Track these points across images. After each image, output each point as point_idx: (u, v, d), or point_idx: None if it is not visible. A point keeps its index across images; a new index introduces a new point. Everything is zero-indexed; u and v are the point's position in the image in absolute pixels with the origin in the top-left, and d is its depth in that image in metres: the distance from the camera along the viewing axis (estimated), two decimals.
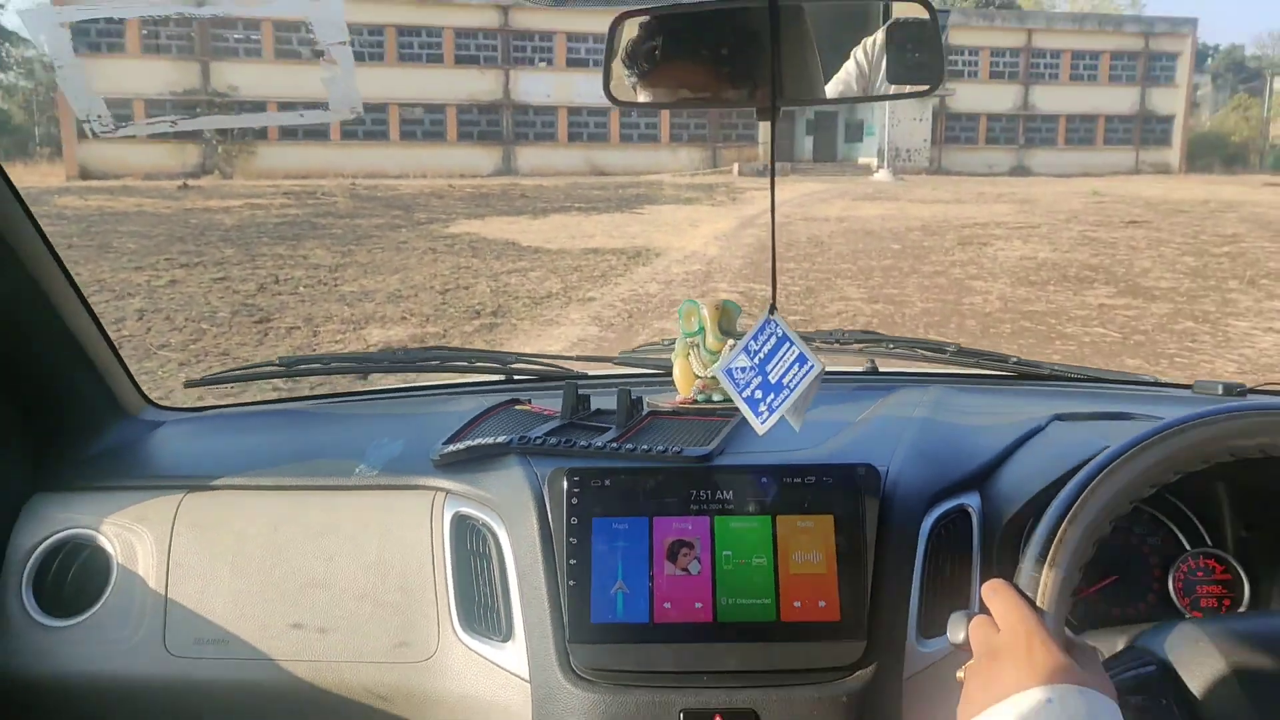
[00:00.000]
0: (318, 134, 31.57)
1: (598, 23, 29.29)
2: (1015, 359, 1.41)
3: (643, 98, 0.95)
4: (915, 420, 1.16)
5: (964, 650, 0.72)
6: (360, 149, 31.57)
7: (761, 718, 0.90)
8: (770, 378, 0.92)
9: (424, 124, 33.16)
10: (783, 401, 0.91)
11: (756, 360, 0.94)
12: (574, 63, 34.37)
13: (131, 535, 1.11)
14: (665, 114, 35.86)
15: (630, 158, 35.01)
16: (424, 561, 1.05)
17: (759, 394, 0.93)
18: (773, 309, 0.93)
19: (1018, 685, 0.64)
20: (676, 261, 10.92)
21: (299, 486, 1.12)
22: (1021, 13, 43.27)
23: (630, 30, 0.90)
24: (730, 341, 1.15)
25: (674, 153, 36.11)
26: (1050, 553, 0.73)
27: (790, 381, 0.91)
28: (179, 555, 1.08)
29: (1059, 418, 1.16)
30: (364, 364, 1.48)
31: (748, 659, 0.92)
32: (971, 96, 37.94)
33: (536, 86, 33.81)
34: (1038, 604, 0.71)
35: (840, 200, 20.13)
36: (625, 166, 33.97)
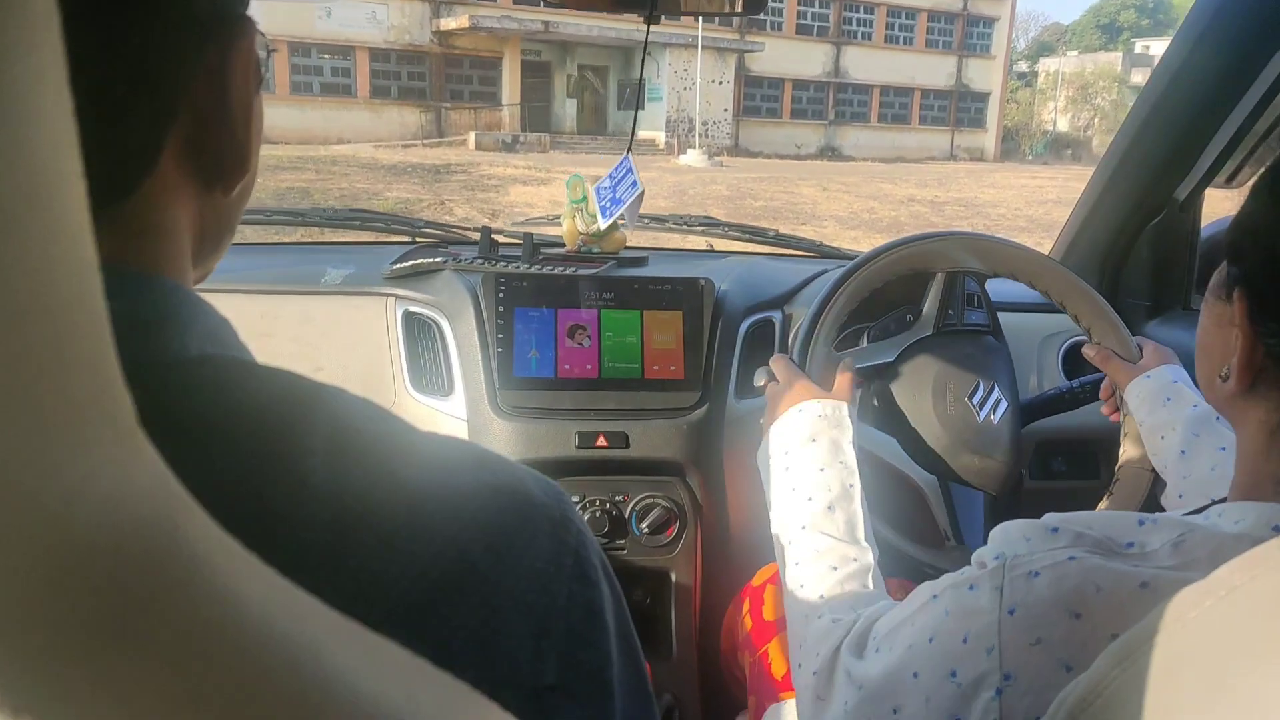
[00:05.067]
0: None
1: None
2: (820, 243, 1.77)
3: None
4: (741, 265, 1.58)
5: (762, 391, 1.13)
6: None
7: (630, 438, 1.32)
8: (616, 195, 1.43)
9: None
10: (618, 209, 1.42)
11: (612, 184, 1.44)
12: None
13: None
14: (362, 57, 23.90)
15: (308, 118, 22.84)
16: (382, 346, 1.39)
17: (608, 204, 1.44)
18: (629, 151, 1.43)
19: (785, 408, 1.03)
20: None
21: (280, 291, 1.41)
22: None
23: None
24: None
25: (377, 113, 24.25)
26: (814, 333, 1.13)
27: (624, 196, 1.42)
28: None
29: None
30: (298, 217, 1.68)
31: (622, 401, 1.33)
32: (776, 56, 29.32)
33: None
34: (805, 362, 1.12)
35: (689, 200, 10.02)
36: (301, 130, 21.85)
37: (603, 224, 1.45)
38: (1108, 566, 0.53)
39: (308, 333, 1.38)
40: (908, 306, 1.28)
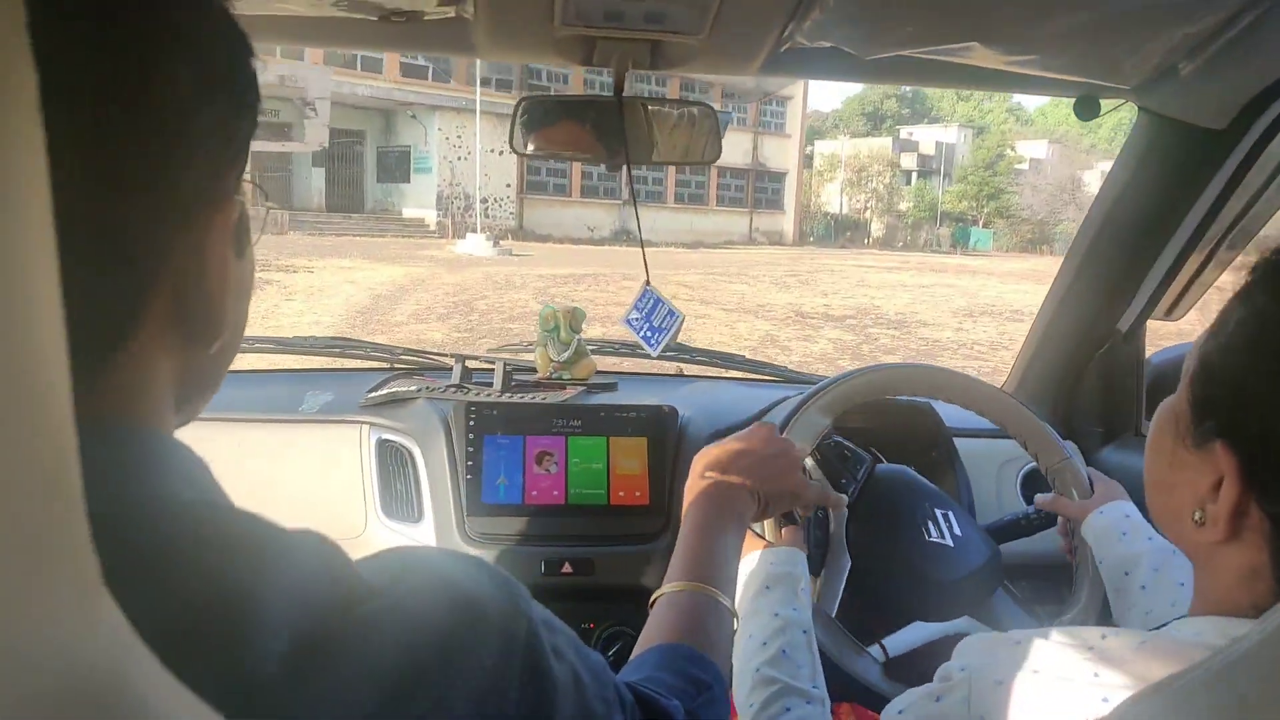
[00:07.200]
0: None
1: None
2: (787, 368, 1.85)
3: (534, 149, 1.23)
4: (707, 391, 1.64)
5: None
6: None
7: (596, 565, 1.34)
8: (654, 324, 1.39)
9: None
10: (665, 337, 1.39)
11: (643, 314, 1.40)
12: None
13: None
14: None
15: None
16: (355, 472, 1.41)
17: (649, 334, 1.39)
18: (647, 282, 1.37)
19: (744, 553, 1.00)
20: None
21: (255, 420, 1.43)
22: None
23: (531, 106, 1.21)
24: (577, 336, 1.59)
25: None
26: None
27: (666, 325, 1.38)
28: None
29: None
30: (280, 344, 1.72)
31: (588, 528, 1.37)
32: None
33: None
34: None
35: None
36: None
37: (654, 354, 1.45)
38: (1072, 681, 0.56)
39: (281, 460, 1.42)
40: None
